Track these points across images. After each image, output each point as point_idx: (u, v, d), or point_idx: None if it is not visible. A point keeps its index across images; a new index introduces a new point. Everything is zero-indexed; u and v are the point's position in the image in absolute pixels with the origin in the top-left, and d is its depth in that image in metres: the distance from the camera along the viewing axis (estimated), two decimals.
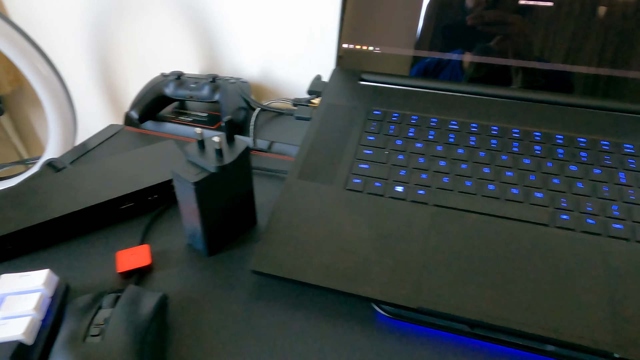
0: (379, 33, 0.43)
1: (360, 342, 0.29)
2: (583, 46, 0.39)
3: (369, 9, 0.43)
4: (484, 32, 0.40)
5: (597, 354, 0.26)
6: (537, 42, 0.40)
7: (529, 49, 0.40)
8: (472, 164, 0.36)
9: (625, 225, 0.31)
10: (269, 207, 0.39)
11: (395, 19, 0.42)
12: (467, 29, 0.41)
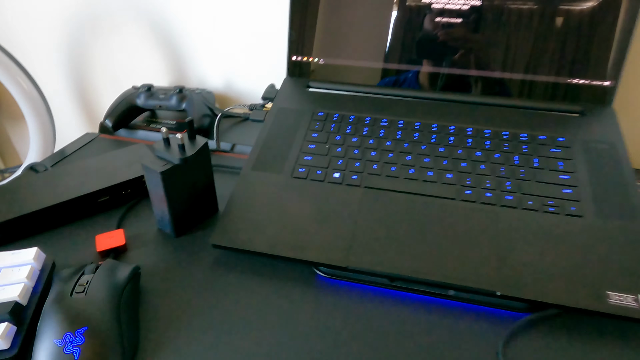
0: (322, 47, 0.50)
1: (303, 298, 0.35)
2: (491, 56, 0.47)
3: (312, 26, 0.50)
4: (410, 43, 0.48)
5: (485, 293, 0.33)
6: (453, 51, 0.47)
7: (449, 58, 0.48)
8: (397, 153, 0.43)
9: (515, 196, 0.38)
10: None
11: (335, 34, 0.50)
12: (397, 40, 0.48)
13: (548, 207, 0.37)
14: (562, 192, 0.38)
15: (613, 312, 0.31)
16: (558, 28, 0.45)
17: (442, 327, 0.32)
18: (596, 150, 0.41)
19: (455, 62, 0.48)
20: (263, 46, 0.59)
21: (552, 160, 0.41)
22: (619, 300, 0.32)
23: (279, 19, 0.57)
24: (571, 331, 0.32)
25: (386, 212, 0.38)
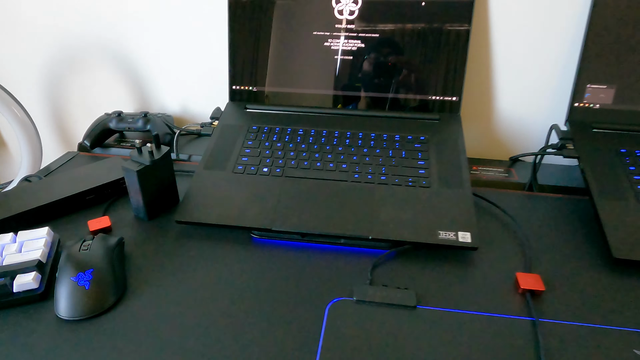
0: (255, 78, 0.67)
1: (243, 253, 0.50)
2: (375, 81, 0.65)
3: (247, 62, 0.67)
4: (319, 73, 0.66)
5: (362, 239, 0.50)
6: (349, 78, 0.65)
7: (345, 83, 0.66)
8: (309, 152, 0.59)
9: (387, 177, 0.56)
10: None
11: (264, 68, 0.67)
12: (310, 71, 0.66)
13: (408, 182, 0.55)
14: (419, 173, 0.56)
15: (441, 243, 0.49)
16: (421, 63, 0.63)
17: (336, 264, 0.49)
18: (444, 144, 0.60)
19: (350, 86, 0.65)
20: (211, 77, 0.75)
21: (414, 152, 0.59)
22: (446, 235, 0.49)
23: (223, 56, 0.73)
24: (418, 258, 0.49)
25: (299, 192, 0.54)
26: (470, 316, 0.42)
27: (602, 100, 0.61)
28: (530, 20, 0.63)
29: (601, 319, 0.42)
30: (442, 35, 0.62)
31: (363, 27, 0.63)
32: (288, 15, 0.64)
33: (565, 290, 0.45)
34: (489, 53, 0.66)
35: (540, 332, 0.40)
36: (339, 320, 0.41)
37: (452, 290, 0.45)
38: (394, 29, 0.63)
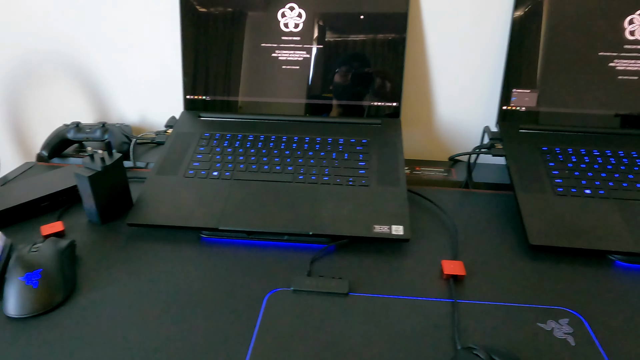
0: (208, 86, 0.70)
1: (192, 254, 0.53)
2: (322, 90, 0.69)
3: (200, 71, 0.70)
4: (270, 82, 0.69)
5: (304, 234, 0.53)
6: (298, 87, 0.69)
7: (294, 92, 0.69)
8: (258, 156, 0.63)
9: (329, 177, 0.59)
10: None
11: (216, 77, 0.70)
12: (261, 79, 0.69)
13: (348, 182, 0.59)
14: (359, 173, 0.60)
15: (376, 236, 0.52)
16: (365, 73, 0.68)
17: (279, 259, 0.52)
18: (384, 146, 0.64)
19: (297, 94, 0.69)
20: (168, 87, 0.78)
21: (356, 154, 0.63)
22: (380, 229, 0.53)
23: (178, 66, 0.76)
24: (355, 250, 0.53)
25: (247, 193, 0.58)
26: (398, 300, 0.46)
27: (527, 103, 0.67)
28: (460, 31, 0.68)
29: (513, 299, 0.46)
30: (381, 45, 0.67)
31: (307, 39, 0.68)
32: (237, 27, 0.68)
33: (485, 275, 0.49)
34: (426, 62, 0.71)
35: (458, 312, 0.44)
36: (276, 309, 0.45)
37: (383, 278, 0.49)
38: (336, 40, 0.67)
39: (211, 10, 0.68)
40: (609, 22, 0.63)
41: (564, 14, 0.64)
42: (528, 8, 0.64)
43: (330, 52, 0.68)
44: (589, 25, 0.63)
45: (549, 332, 0.42)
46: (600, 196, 0.56)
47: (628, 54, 0.63)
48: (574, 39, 0.64)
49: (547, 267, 0.50)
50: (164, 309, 0.45)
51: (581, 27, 0.64)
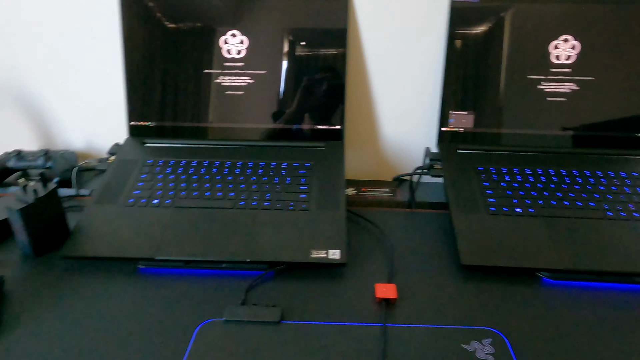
0: (153, 112, 0.70)
1: (127, 286, 0.52)
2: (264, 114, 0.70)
3: (144, 99, 0.70)
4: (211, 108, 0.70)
5: (241, 262, 0.53)
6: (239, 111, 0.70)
7: (238, 117, 0.70)
8: (200, 182, 0.63)
9: (270, 202, 0.60)
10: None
11: (160, 103, 0.70)
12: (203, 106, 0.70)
13: (289, 206, 0.59)
14: (300, 197, 0.61)
15: (313, 261, 0.53)
16: (308, 97, 0.69)
17: (216, 287, 0.52)
18: (327, 170, 0.65)
19: (242, 119, 0.70)
20: (114, 113, 0.77)
21: (298, 178, 0.64)
22: (317, 254, 0.54)
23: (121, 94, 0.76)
24: (293, 276, 0.53)
25: (186, 221, 0.58)
26: (330, 327, 0.46)
27: (464, 125, 0.69)
28: (399, 56, 0.71)
29: (442, 320, 0.47)
30: (322, 72, 0.69)
31: (250, 65, 0.69)
32: (181, 54, 0.69)
33: (417, 297, 0.50)
34: (368, 87, 0.73)
35: (386, 337, 0.45)
36: (206, 341, 0.44)
37: (318, 304, 0.49)
38: (278, 66, 0.69)
39: (154, 38, 0.68)
40: (536, 47, 0.66)
41: (494, 39, 0.67)
42: (461, 35, 0.67)
43: (273, 77, 0.69)
44: (518, 49, 0.67)
45: (471, 352, 0.43)
46: (530, 214, 0.59)
47: (554, 76, 0.67)
48: (505, 63, 0.67)
49: (478, 287, 0.52)
50: (93, 344, 0.44)
51: (511, 52, 0.67)
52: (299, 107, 0.70)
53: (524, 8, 0.65)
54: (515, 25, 0.66)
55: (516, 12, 0.65)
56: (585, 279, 0.53)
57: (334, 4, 0.67)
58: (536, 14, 0.65)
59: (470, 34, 0.67)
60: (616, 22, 0.65)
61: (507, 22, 0.66)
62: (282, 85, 0.69)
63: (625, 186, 0.62)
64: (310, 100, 0.70)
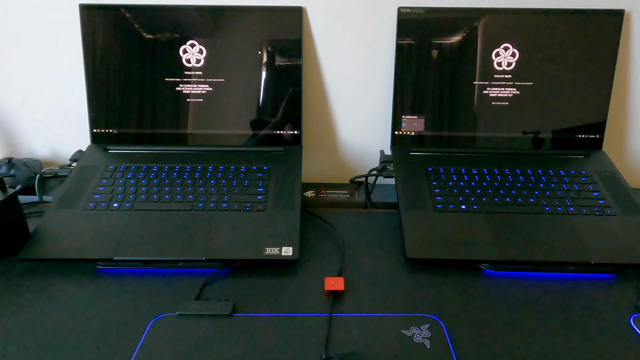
0: (115, 120, 0.72)
1: (86, 287, 0.54)
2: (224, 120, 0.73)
3: (107, 106, 0.72)
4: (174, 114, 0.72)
5: (197, 260, 0.55)
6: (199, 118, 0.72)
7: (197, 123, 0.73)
8: (160, 186, 0.65)
9: (228, 204, 0.62)
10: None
11: (122, 111, 0.72)
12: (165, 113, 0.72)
13: (246, 207, 0.62)
14: (257, 198, 0.63)
15: (267, 258, 0.55)
16: (266, 104, 0.72)
17: (172, 285, 0.54)
18: (284, 172, 0.68)
19: (203, 125, 0.73)
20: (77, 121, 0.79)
21: (256, 181, 0.66)
22: (271, 251, 0.56)
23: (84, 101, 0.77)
24: (248, 273, 0.55)
25: (145, 223, 0.59)
26: (278, 318, 0.49)
27: (415, 128, 0.73)
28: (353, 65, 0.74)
29: (386, 309, 0.50)
30: (280, 79, 0.72)
31: (209, 73, 0.71)
32: (141, 63, 0.71)
33: (364, 288, 0.53)
34: (325, 94, 0.76)
35: (332, 325, 0.48)
36: (158, 334, 0.46)
37: (270, 298, 0.52)
38: (237, 73, 0.72)
39: (114, 47, 0.70)
40: (480, 55, 0.71)
41: (441, 48, 0.71)
42: (408, 44, 0.71)
43: (232, 85, 0.72)
44: (463, 57, 0.71)
45: (409, 337, 0.46)
46: (474, 211, 0.62)
47: (497, 82, 0.71)
48: (453, 70, 0.71)
49: (422, 279, 0.55)
50: (49, 341, 0.45)
51: (457, 59, 0.71)
52: (258, 113, 0.73)
53: (467, 18, 0.70)
54: (460, 34, 0.70)
55: (460, 22, 0.70)
56: (523, 269, 0.57)
57: (289, 16, 0.71)
58: (479, 24, 0.70)
59: (417, 42, 0.71)
60: (551, 31, 0.70)
61: (452, 31, 0.70)
62: (241, 93, 0.72)
63: (562, 183, 0.67)
64: (269, 106, 0.73)
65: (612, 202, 0.64)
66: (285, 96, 0.72)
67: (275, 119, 0.73)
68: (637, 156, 0.80)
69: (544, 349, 0.45)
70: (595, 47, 0.70)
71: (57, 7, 0.72)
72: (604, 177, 0.68)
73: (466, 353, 0.44)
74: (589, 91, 0.72)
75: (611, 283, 0.55)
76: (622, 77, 0.75)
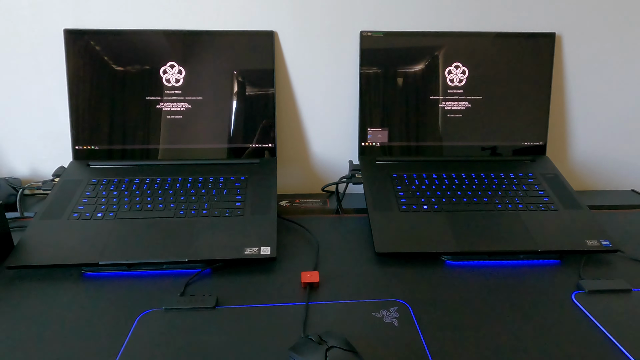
0: (97, 137, 0.76)
1: (73, 291, 0.56)
2: (199, 136, 0.77)
3: (89, 124, 0.75)
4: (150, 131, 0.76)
5: (181, 262, 0.59)
6: (176, 134, 0.77)
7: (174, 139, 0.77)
8: (142, 197, 0.68)
9: (208, 210, 0.66)
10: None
11: (104, 128, 0.76)
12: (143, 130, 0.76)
13: (225, 213, 0.66)
14: (236, 205, 0.68)
15: (247, 257, 0.59)
16: (242, 119, 0.78)
17: (158, 285, 0.57)
18: (260, 182, 0.73)
19: (183, 140, 0.77)
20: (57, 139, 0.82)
21: (234, 190, 0.71)
22: (250, 251, 0.60)
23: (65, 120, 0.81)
24: (229, 272, 0.59)
25: (129, 230, 0.63)
26: (259, 308, 0.53)
27: (380, 140, 0.80)
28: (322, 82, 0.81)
29: (358, 297, 0.55)
30: (254, 96, 0.78)
31: (188, 92, 0.77)
32: (123, 82, 0.75)
33: (337, 281, 0.58)
34: (297, 110, 0.83)
35: (310, 312, 0.52)
36: (146, 327, 0.49)
37: (250, 292, 0.56)
38: (214, 92, 0.77)
39: (97, 69, 0.75)
40: (435, 72, 0.79)
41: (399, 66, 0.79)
42: (370, 62, 0.78)
43: (209, 102, 0.77)
44: (420, 74, 0.79)
45: (379, 318, 0.51)
46: (435, 210, 0.69)
47: (451, 96, 0.80)
48: (411, 86, 0.79)
49: (390, 270, 0.60)
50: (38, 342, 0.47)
51: (414, 76, 0.79)
52: (234, 128, 0.78)
53: (422, 40, 0.78)
54: (416, 54, 0.79)
55: (416, 44, 0.78)
56: (479, 259, 0.63)
57: (262, 39, 0.77)
58: (433, 45, 0.78)
59: (379, 62, 0.79)
60: (495, 51, 0.79)
61: (409, 52, 0.79)
62: (218, 110, 0.77)
63: (512, 184, 0.74)
64: (245, 122, 0.78)
65: (555, 199, 0.72)
66: (260, 112, 0.78)
67: (251, 133, 0.78)
68: (576, 161, 0.90)
69: (498, 325, 0.51)
70: (534, 65, 0.80)
71: (41, 32, 0.76)
72: (548, 179, 0.76)
73: (430, 330, 0.49)
74: (530, 103, 0.81)
75: (556, 268, 0.62)
76: (559, 90, 0.84)
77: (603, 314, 0.52)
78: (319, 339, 0.44)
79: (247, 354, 0.46)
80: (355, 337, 0.48)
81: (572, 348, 0.47)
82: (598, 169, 0.91)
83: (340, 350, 0.42)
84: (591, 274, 0.60)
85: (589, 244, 0.63)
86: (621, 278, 0.59)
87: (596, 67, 0.83)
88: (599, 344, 0.48)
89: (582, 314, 0.52)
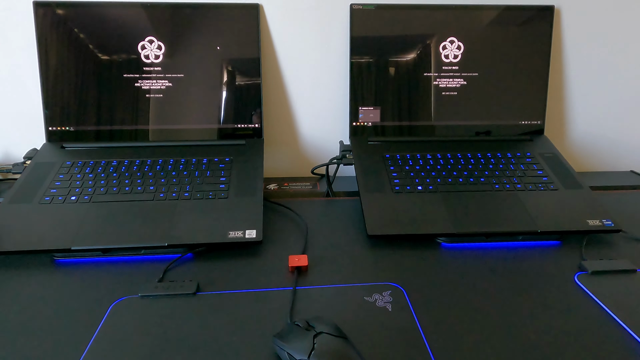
0: (71, 117, 0.71)
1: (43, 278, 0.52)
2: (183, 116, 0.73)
3: (62, 105, 0.71)
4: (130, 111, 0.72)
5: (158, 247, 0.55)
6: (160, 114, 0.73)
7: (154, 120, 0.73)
8: (120, 179, 0.64)
9: (190, 193, 0.62)
10: None
11: (79, 108, 0.71)
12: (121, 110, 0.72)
13: (208, 196, 0.62)
14: (219, 187, 0.64)
15: (231, 241, 0.56)
16: (226, 98, 0.73)
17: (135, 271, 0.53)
18: (246, 163, 0.69)
19: (164, 120, 0.73)
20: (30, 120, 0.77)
21: (218, 171, 0.67)
22: (235, 234, 0.57)
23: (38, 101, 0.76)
24: (213, 256, 0.56)
25: (105, 214, 0.59)
26: (244, 294, 0.49)
27: (372, 119, 0.76)
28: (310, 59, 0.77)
29: (350, 281, 0.51)
30: (238, 73, 0.74)
31: (168, 69, 0.72)
32: (98, 59, 0.71)
33: (327, 264, 0.55)
34: (284, 89, 0.79)
35: (298, 297, 0.48)
36: (120, 315, 0.45)
37: (235, 277, 0.52)
38: (196, 69, 0.73)
39: (70, 44, 0.70)
40: (429, 48, 0.75)
41: (389, 43, 0.75)
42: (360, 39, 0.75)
43: (192, 80, 0.73)
44: (412, 49, 0.75)
45: (372, 302, 0.47)
46: (430, 191, 0.65)
47: (446, 73, 0.76)
48: (403, 64, 0.75)
49: (383, 253, 0.57)
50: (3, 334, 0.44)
51: (406, 52, 0.75)
52: (219, 108, 0.74)
53: (415, 13, 0.74)
54: (409, 28, 0.75)
55: (408, 17, 0.74)
56: (476, 241, 0.60)
57: (246, 12, 0.73)
58: (426, 19, 0.75)
59: (370, 37, 0.75)
60: (491, 25, 0.76)
61: (401, 26, 0.75)
62: (201, 88, 0.73)
63: (509, 164, 0.71)
64: (229, 101, 0.74)
65: (555, 179, 0.69)
66: (245, 91, 0.74)
67: (236, 113, 0.74)
68: (575, 142, 0.87)
69: (498, 310, 0.48)
70: (532, 40, 0.77)
71: (8, 5, 0.71)
72: (546, 158, 0.73)
73: (426, 313, 0.46)
74: (528, 80, 0.78)
75: (557, 249, 0.59)
76: (557, 68, 0.81)
77: (608, 296, 0.49)
78: (307, 324, 0.40)
79: (228, 342, 0.42)
80: (346, 323, 0.44)
81: (578, 331, 0.44)
82: (597, 150, 0.88)
83: (330, 336, 0.39)
84: (593, 255, 0.58)
85: (590, 224, 0.61)
86: (624, 258, 0.56)
87: (596, 43, 0.80)
88: (605, 326, 0.45)
89: (586, 296, 0.49)
